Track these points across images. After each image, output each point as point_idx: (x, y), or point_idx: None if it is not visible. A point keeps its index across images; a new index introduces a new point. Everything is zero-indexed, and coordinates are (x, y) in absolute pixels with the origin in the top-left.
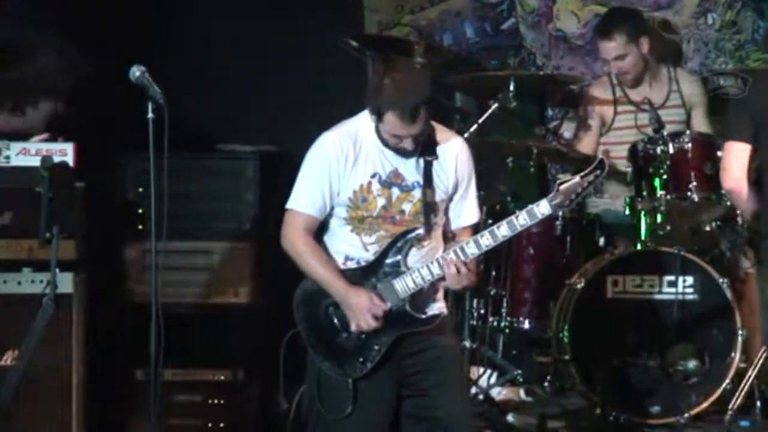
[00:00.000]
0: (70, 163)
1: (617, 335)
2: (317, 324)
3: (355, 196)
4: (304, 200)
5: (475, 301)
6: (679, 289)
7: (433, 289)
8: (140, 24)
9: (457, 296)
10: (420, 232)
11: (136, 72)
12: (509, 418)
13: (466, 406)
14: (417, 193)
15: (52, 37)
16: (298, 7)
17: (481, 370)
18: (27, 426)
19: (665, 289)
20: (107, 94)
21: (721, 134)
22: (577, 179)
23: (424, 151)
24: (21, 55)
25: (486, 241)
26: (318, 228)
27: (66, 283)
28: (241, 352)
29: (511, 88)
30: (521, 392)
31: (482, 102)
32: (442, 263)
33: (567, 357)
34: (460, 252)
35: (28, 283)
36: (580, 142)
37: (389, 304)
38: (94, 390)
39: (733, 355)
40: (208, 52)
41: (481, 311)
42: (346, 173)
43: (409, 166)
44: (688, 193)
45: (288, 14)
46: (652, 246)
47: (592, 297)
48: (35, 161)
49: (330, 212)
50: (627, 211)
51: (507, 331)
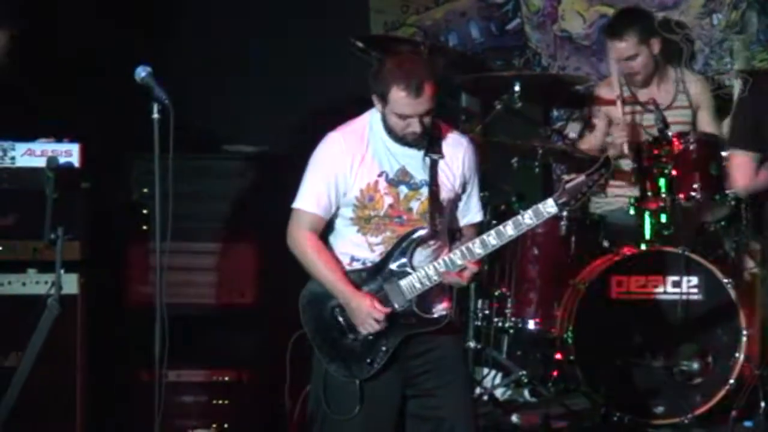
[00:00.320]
0: (76, 164)
1: (621, 335)
2: (323, 325)
3: (362, 195)
4: (311, 200)
5: (479, 302)
6: (684, 290)
7: (440, 289)
8: (146, 25)
9: (462, 297)
10: (425, 232)
11: (141, 73)
12: (513, 418)
13: (471, 407)
14: (425, 192)
15: None
16: (304, 8)
17: (485, 371)
18: (32, 426)
19: (669, 290)
20: (112, 95)
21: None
22: (583, 178)
23: (430, 150)
24: None
25: (492, 240)
26: (324, 229)
27: (71, 283)
28: (246, 353)
29: (516, 88)
30: (526, 392)
31: (487, 102)
32: (442, 272)
33: (571, 357)
34: (466, 252)
35: (33, 283)
36: (584, 141)
37: (395, 305)
38: (99, 390)
39: (737, 355)
40: (214, 53)
41: (486, 312)
42: (353, 172)
43: (416, 164)
44: (693, 194)
45: (294, 16)
46: (657, 246)
47: (597, 297)
48: (40, 162)
49: (336, 213)
50: (631, 212)
51: (511, 331)
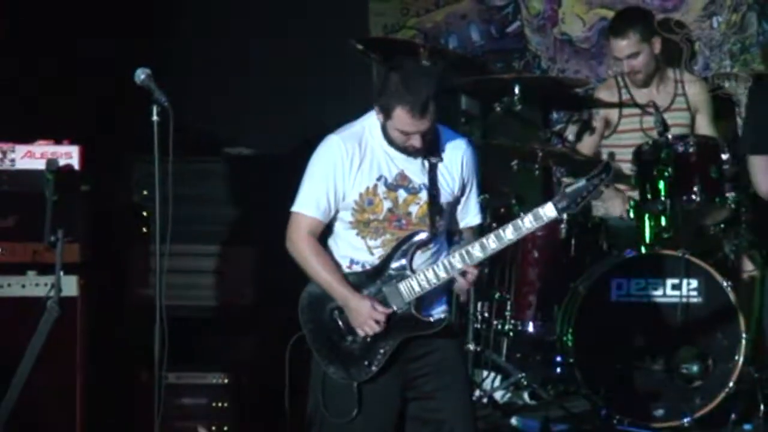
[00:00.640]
0: (76, 167)
1: (621, 338)
2: (322, 328)
3: (361, 199)
4: (309, 203)
5: (479, 304)
6: (684, 292)
7: (439, 292)
8: (145, 27)
9: (462, 299)
10: (425, 235)
11: (141, 75)
12: (513, 421)
13: (470, 410)
14: (423, 195)
15: None
16: (304, 10)
17: (485, 373)
18: (32, 428)
19: (669, 292)
20: (112, 97)
21: (724, 137)
22: (583, 182)
23: (429, 153)
24: None
25: (492, 244)
26: (323, 232)
27: (70, 286)
28: (245, 355)
29: (516, 91)
30: (525, 395)
31: (487, 105)
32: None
33: (571, 360)
34: (466, 256)
35: (33, 286)
36: (581, 143)
37: (394, 308)
38: (99, 393)
39: (737, 358)
40: (214, 55)
41: (486, 314)
42: (352, 176)
43: (415, 168)
44: (693, 196)
45: (294, 18)
46: (657, 249)
47: (596, 300)
48: (40, 164)
49: (335, 216)
50: (631, 214)
51: (511, 334)
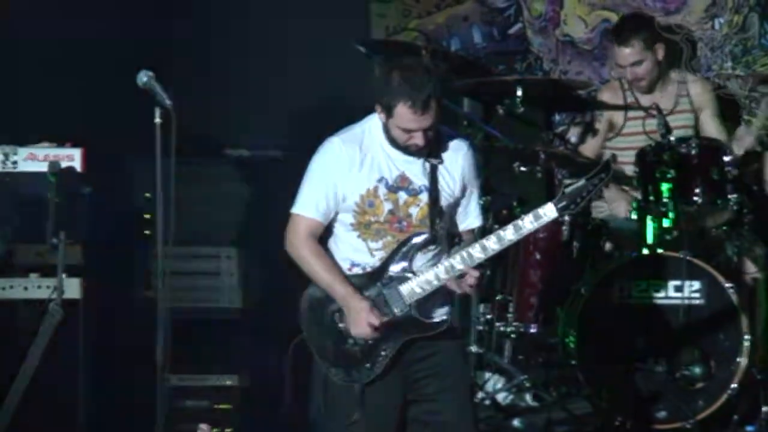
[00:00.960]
0: (78, 169)
1: (623, 340)
2: (323, 330)
3: (362, 201)
4: (309, 205)
5: (481, 307)
6: (686, 294)
7: (440, 294)
8: (148, 29)
9: (464, 301)
10: (425, 237)
11: (143, 77)
12: (516, 423)
13: (472, 412)
14: (424, 197)
15: None
16: (306, 12)
17: (487, 375)
18: (34, 430)
19: (671, 294)
20: (114, 99)
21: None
22: (583, 182)
23: (430, 155)
24: None
25: (492, 245)
26: (323, 234)
27: (73, 288)
28: (246, 358)
29: (519, 93)
30: (528, 397)
31: (489, 107)
32: (446, 276)
33: (573, 362)
34: (466, 257)
35: (35, 288)
36: (584, 145)
37: (395, 311)
38: (101, 395)
39: (739, 359)
40: (216, 57)
41: (488, 316)
42: (352, 178)
43: (415, 169)
44: (695, 198)
45: (295, 19)
46: (659, 251)
47: (599, 302)
48: (43, 166)
49: (335, 218)
50: (633, 216)
51: (513, 336)
